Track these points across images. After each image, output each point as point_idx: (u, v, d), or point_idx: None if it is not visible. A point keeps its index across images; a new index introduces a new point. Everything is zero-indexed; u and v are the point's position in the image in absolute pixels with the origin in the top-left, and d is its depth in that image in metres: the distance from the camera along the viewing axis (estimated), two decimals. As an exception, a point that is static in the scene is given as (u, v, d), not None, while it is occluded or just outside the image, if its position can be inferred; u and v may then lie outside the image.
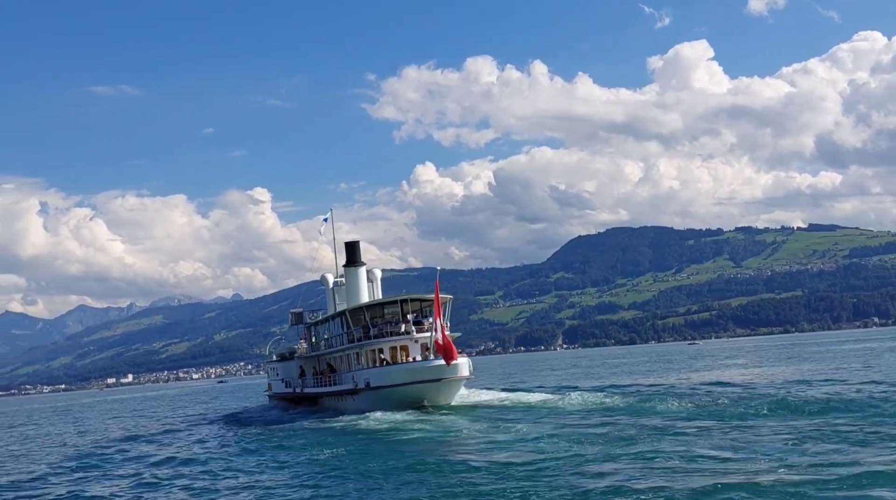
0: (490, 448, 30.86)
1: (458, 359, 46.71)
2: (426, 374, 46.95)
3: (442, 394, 47.86)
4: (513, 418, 40.89)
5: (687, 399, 44.14)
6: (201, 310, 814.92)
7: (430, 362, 47.55)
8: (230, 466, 33.34)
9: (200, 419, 66.64)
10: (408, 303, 53.92)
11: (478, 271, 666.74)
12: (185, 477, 31.15)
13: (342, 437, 39.54)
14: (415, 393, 46.95)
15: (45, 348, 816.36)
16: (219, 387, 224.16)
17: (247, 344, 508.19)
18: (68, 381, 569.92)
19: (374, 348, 51.14)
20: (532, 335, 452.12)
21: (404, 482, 25.21)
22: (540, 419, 39.43)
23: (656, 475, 22.90)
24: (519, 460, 27.18)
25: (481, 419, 41.89)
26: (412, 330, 51.33)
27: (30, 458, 45.68)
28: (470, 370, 49.86)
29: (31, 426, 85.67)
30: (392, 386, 47.40)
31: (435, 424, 40.98)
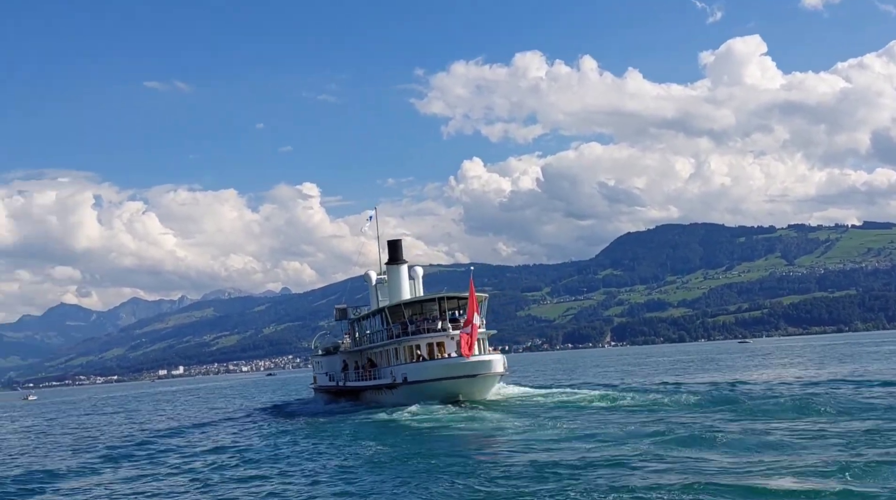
0: (522, 444, 31.07)
1: (470, 354, 47.61)
2: (461, 370, 47.99)
3: (476, 389, 48.87)
4: (543, 413, 41.68)
5: (702, 396, 44.80)
6: (251, 303, 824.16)
7: (464, 359, 48.21)
8: (266, 455, 34.84)
9: (247, 410, 69.33)
10: (445, 301, 54.54)
11: (525, 267, 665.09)
12: (226, 466, 32.26)
13: (378, 429, 40.54)
14: (450, 388, 48.05)
15: (98, 339, 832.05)
16: (267, 380, 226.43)
17: (295, 338, 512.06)
18: (121, 372, 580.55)
19: (412, 344, 52.28)
20: (580, 332, 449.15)
21: (429, 472, 25.86)
22: (570, 415, 39.96)
23: (678, 473, 22.36)
24: (553, 458, 27.07)
25: (513, 414, 42.56)
26: (448, 327, 52.20)
27: (82, 446, 46.87)
28: (504, 367, 50.80)
29: (93, 416, 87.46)
30: (428, 381, 48.64)
31: (468, 418, 41.61)
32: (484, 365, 48.59)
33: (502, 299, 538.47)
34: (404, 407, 46.96)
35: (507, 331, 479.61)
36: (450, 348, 51.71)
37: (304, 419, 51.59)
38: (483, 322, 52.71)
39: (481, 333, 51.53)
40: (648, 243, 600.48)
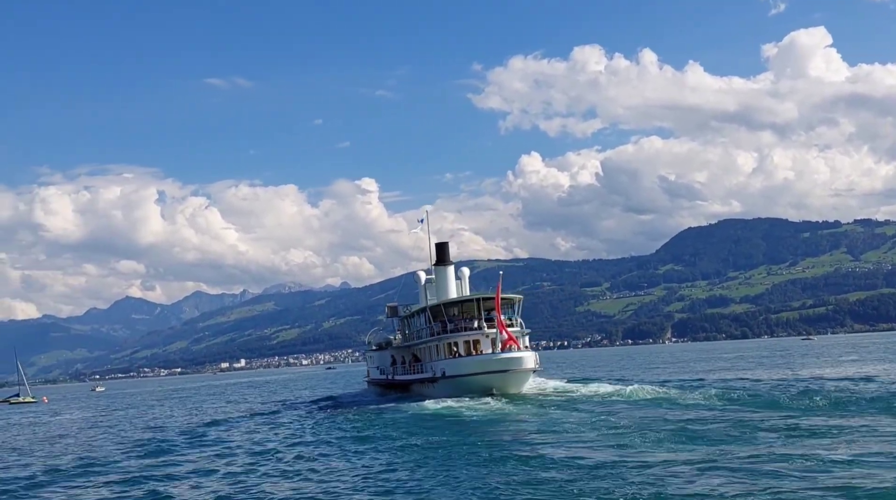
0: (530, 433, 32.60)
1: (507, 346, 51.36)
2: (494, 365, 51.00)
3: (509, 383, 51.57)
4: (568, 406, 43.91)
5: (735, 392, 45.33)
6: (311, 297, 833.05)
7: (497, 355, 51.71)
8: (308, 440, 38.21)
9: (304, 401, 73.68)
10: (481, 301, 56.78)
11: (584, 262, 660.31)
12: (278, 451, 34.48)
13: (412, 419, 43.64)
14: (484, 382, 51.07)
15: (162, 332, 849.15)
16: (326, 373, 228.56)
17: (354, 332, 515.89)
18: (184, 364, 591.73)
19: (450, 341, 55.54)
20: (640, 328, 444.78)
21: (444, 458, 27.50)
22: (595, 408, 41.49)
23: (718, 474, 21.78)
24: (556, 450, 27.62)
25: (538, 405, 45.31)
26: (484, 326, 54.91)
27: (146, 433, 48.35)
28: (536, 363, 53.33)
29: (165, 405, 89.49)
30: (464, 376, 51.79)
31: (497, 411, 44.21)
32: (515, 361, 51.39)
33: (561, 295, 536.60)
34: (442, 399, 50.34)
35: (565, 326, 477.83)
36: (485, 346, 54.41)
37: (352, 409, 55.43)
38: (516, 321, 56.71)
39: (515, 331, 54.64)
40: (710, 238, 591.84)
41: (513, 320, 56.64)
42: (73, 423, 68.66)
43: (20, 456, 40.87)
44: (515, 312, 58.10)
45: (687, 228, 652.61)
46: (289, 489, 24.67)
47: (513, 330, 54.45)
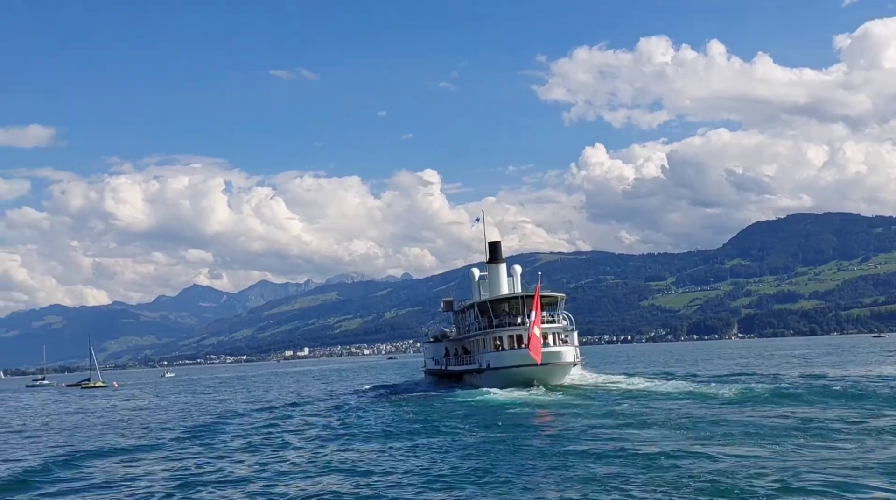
0: (554, 424, 33.76)
1: (534, 352, 52.46)
2: (533, 358, 53.01)
3: (548, 376, 54.42)
4: (603, 398, 45.44)
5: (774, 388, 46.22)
6: (373, 288, 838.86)
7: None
8: (361, 423, 41.27)
9: (364, 388, 78.49)
10: (525, 299, 59.08)
11: (649, 256, 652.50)
12: (327, 438, 35.54)
13: (459, 406, 46.27)
14: (525, 374, 53.91)
15: (228, 320, 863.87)
16: (387, 363, 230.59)
17: (415, 322, 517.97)
18: (249, 352, 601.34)
19: (496, 335, 59.03)
20: (705, 323, 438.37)
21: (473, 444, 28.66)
22: (630, 402, 42.57)
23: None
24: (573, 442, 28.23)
25: (573, 396, 47.65)
26: (527, 322, 56.48)
27: (216, 410, 49.38)
28: (575, 357, 57.52)
29: (238, 390, 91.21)
30: (506, 368, 55.22)
31: (534, 400, 46.80)
32: (554, 355, 54.56)
33: (625, 289, 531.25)
34: (487, 390, 53.87)
35: (629, 321, 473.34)
36: (527, 340, 56.04)
37: (405, 396, 59.18)
38: (559, 318, 60.26)
39: (556, 327, 58.95)
40: (779, 233, 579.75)
41: (554, 317, 59.94)
42: (144, 406, 70.22)
43: (92, 434, 41.97)
44: (558, 309, 61.12)
45: (755, 223, 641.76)
46: (336, 476, 24.94)
47: (555, 326, 58.64)
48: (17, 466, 30.93)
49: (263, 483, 24.41)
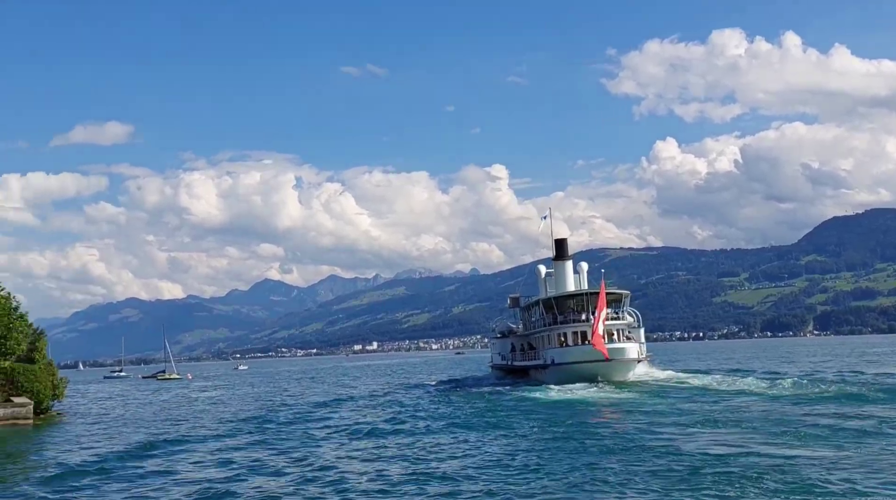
0: (646, 424, 32.76)
1: (599, 347, 53.80)
2: (598, 355, 54.18)
3: (612, 372, 55.23)
4: (669, 396, 45.04)
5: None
6: (441, 283, 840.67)
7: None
8: (426, 414, 43.40)
9: (431, 382, 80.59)
10: (589, 296, 60.47)
11: (722, 251, 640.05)
12: (392, 432, 36.12)
13: (524, 403, 46.53)
14: (588, 370, 54.96)
15: (299, 314, 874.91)
16: (455, 358, 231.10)
17: (483, 318, 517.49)
18: (319, 346, 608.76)
19: (560, 332, 60.06)
20: (779, 320, 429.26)
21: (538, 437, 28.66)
22: (692, 399, 42.98)
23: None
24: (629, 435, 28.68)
25: (643, 394, 47.11)
26: (591, 319, 57.60)
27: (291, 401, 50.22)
28: (639, 354, 58.15)
29: (315, 381, 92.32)
30: (570, 364, 56.40)
31: (597, 396, 47.44)
32: (618, 352, 55.44)
33: (697, 285, 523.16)
34: (551, 385, 55.09)
35: (701, 317, 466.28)
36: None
37: (471, 390, 61.67)
38: (623, 314, 61.70)
39: (621, 323, 60.40)
40: (856, 228, 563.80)
41: (619, 314, 61.29)
42: (217, 397, 72.04)
43: (169, 423, 43.38)
44: (622, 307, 62.42)
45: (832, 218, 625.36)
46: (400, 468, 25.31)
47: (619, 323, 60.08)
48: (99, 452, 32.17)
49: (330, 471, 25.08)
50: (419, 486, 22.09)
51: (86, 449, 33.67)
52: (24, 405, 45.01)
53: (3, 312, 42.99)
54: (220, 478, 24.94)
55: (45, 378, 49.35)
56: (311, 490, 22.36)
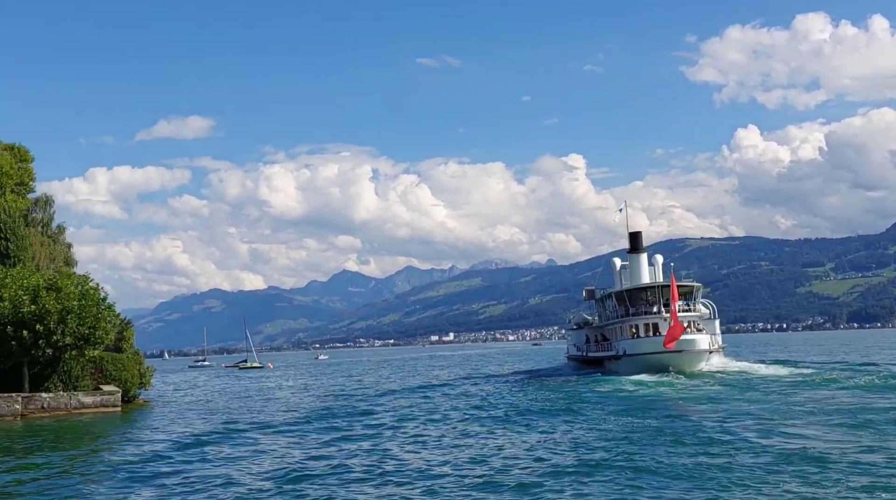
0: (714, 415, 33.12)
1: (673, 342, 54.72)
2: None
3: (682, 362, 56.21)
4: (740, 387, 45.96)
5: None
6: (517, 274, 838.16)
7: None
8: (494, 402, 45.36)
9: (507, 373, 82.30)
10: (660, 289, 61.81)
11: (806, 241, 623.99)
12: (466, 419, 37.07)
13: (594, 392, 48.15)
14: (660, 361, 56.11)
15: (376, 305, 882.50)
16: (532, 349, 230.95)
17: (560, 309, 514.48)
18: (396, 336, 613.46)
19: (632, 324, 61.59)
20: (867, 311, 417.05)
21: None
22: (768, 390, 43.46)
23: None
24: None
25: (713, 385, 48.10)
26: (662, 311, 60.02)
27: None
28: (710, 345, 59.09)
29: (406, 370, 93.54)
30: (641, 354, 57.77)
31: (667, 386, 48.48)
32: (688, 343, 56.11)
33: (780, 276, 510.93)
34: (624, 375, 56.46)
35: (784, 308, 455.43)
36: (663, 329, 58.50)
37: (545, 380, 63.93)
38: (694, 306, 63.16)
39: (692, 315, 60.88)
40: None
41: (689, 306, 62.34)
42: (300, 385, 73.37)
43: (256, 408, 44.22)
44: (694, 299, 63.95)
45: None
46: (470, 452, 25.64)
47: (690, 315, 60.41)
48: (184, 434, 33.59)
49: (407, 457, 25.52)
50: (498, 473, 22.12)
51: (171, 433, 34.92)
52: (112, 393, 46.41)
53: (91, 302, 44.23)
54: (301, 460, 25.77)
55: (133, 367, 50.80)
56: (392, 476, 22.59)
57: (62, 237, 64.57)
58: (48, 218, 64.33)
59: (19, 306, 41.76)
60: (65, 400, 44.50)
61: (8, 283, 42.77)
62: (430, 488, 20.60)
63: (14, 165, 60.40)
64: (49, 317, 41.74)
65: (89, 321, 43.48)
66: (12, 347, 42.07)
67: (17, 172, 60.61)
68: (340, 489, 20.98)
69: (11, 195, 58.62)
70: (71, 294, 43.15)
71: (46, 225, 63.72)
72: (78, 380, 46.63)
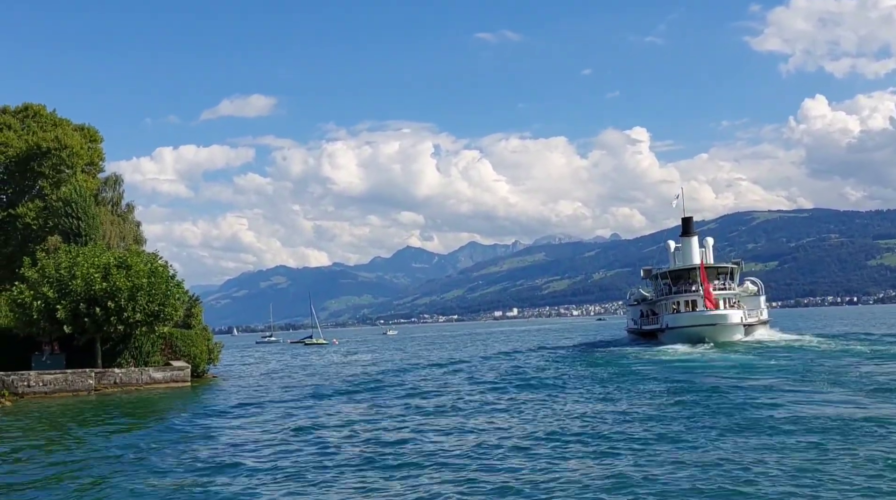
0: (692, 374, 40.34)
1: (711, 306, 65.56)
2: (703, 320, 64.77)
3: (717, 334, 64.01)
4: (766, 355, 51.22)
5: None
6: (581, 249, 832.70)
7: (706, 312, 65.50)
8: (553, 370, 50.60)
9: (567, 344, 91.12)
10: (698, 270, 68.85)
11: (878, 212, 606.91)
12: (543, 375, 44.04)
13: (635, 360, 55.26)
14: (697, 333, 64.18)
15: (439, 280, 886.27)
16: (595, 324, 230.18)
17: (625, 284, 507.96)
18: (460, 312, 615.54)
19: (674, 300, 70.18)
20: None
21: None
22: (783, 356, 49.85)
23: None
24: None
25: (741, 353, 54.03)
26: (699, 289, 67.53)
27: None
28: (742, 319, 66.36)
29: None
30: (681, 327, 66.07)
31: (702, 354, 55.07)
32: (721, 317, 64.91)
33: (850, 248, 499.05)
34: (668, 346, 63.62)
35: (854, 281, 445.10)
36: (701, 305, 67.08)
37: (603, 349, 72.29)
38: (731, 285, 71.17)
39: (728, 293, 69.67)
40: None
41: (726, 285, 70.32)
42: (370, 359, 74.16)
43: (322, 379, 44.92)
44: (733, 278, 72.12)
45: None
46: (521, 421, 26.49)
47: (726, 293, 69.16)
48: (252, 401, 34.98)
49: (463, 420, 26.52)
50: (552, 438, 22.82)
51: (237, 403, 36.75)
52: (182, 369, 47.44)
53: (161, 280, 45.11)
54: (369, 425, 26.88)
55: (202, 343, 51.81)
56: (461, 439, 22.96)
57: (131, 216, 65.99)
58: (117, 197, 65.79)
59: (91, 284, 42.77)
60: (136, 375, 45.61)
61: (80, 261, 43.82)
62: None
63: (84, 145, 61.84)
64: (120, 294, 42.71)
65: (159, 298, 44.38)
66: (85, 323, 43.17)
67: (87, 152, 62.05)
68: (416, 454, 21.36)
69: (82, 175, 60.06)
70: (140, 272, 44.07)
71: (116, 204, 65.17)
72: (149, 356, 47.74)
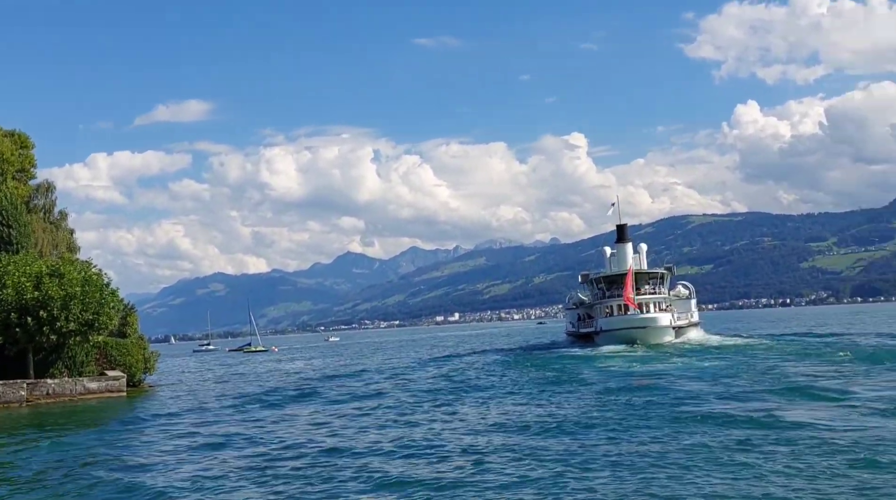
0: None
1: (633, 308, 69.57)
2: (634, 323, 68.48)
3: (646, 336, 67.70)
4: (690, 355, 55.00)
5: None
6: (521, 253, 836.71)
7: (637, 315, 69.13)
8: (491, 369, 55.41)
9: (506, 347, 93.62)
10: (637, 275, 72.06)
11: (809, 215, 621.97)
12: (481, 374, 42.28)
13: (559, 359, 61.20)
14: (628, 335, 67.80)
15: (381, 286, 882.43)
16: (535, 327, 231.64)
17: (564, 287, 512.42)
18: (401, 317, 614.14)
19: (607, 304, 73.80)
20: (870, 285, 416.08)
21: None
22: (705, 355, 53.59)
23: None
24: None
25: (673, 355, 56.15)
26: (632, 294, 70.03)
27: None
28: (670, 322, 69.67)
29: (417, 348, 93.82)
30: (613, 330, 69.43)
31: (636, 357, 57.16)
32: (651, 320, 68.82)
33: (783, 251, 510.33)
34: (600, 347, 66.84)
35: (788, 284, 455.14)
36: (631, 309, 70.11)
37: (540, 352, 74.58)
38: (661, 289, 74.40)
39: (657, 297, 72.94)
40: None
41: (656, 289, 73.81)
42: (303, 367, 73.44)
43: (261, 388, 44.47)
44: (664, 282, 75.44)
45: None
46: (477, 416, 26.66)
47: (655, 297, 72.47)
48: (189, 410, 33.95)
49: (409, 429, 26.24)
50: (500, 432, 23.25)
51: (176, 411, 36.61)
52: (117, 378, 46.71)
53: (95, 288, 44.37)
54: (302, 436, 26.12)
55: (137, 352, 51.09)
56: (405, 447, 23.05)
57: (64, 223, 64.68)
58: (50, 204, 64.43)
59: (23, 293, 41.91)
60: (70, 386, 44.78)
61: (11, 270, 42.90)
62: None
63: (15, 151, 60.44)
64: (52, 303, 41.91)
65: (93, 307, 43.64)
66: (17, 333, 42.28)
67: (17, 158, 60.65)
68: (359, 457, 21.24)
69: (13, 182, 58.71)
70: (74, 280, 43.30)
71: (48, 211, 63.82)
72: (83, 366, 46.90)
